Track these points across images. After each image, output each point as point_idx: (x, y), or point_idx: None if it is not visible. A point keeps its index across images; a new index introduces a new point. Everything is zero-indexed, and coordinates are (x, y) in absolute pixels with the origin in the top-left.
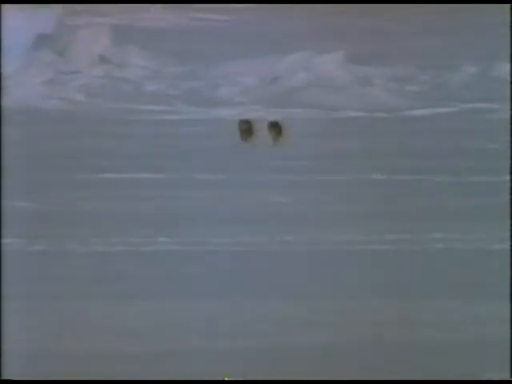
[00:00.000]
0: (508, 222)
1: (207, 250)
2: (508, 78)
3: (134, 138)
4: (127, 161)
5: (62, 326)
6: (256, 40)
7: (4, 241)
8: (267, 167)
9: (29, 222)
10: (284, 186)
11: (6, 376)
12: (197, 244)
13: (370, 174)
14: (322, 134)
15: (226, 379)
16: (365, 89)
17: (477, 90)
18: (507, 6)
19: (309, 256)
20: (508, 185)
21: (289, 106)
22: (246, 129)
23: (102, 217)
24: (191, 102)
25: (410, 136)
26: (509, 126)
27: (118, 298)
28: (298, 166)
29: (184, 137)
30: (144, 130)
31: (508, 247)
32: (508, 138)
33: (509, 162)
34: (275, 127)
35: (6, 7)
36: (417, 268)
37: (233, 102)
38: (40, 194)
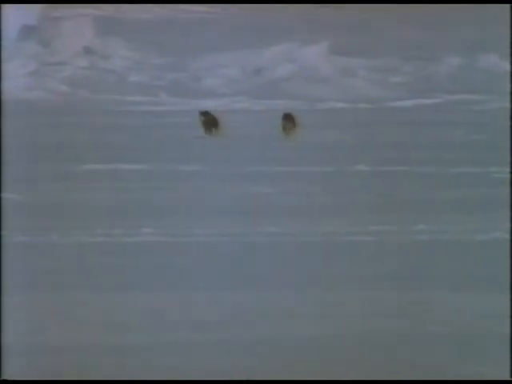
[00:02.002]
0: (493, 213)
1: (192, 241)
2: (493, 69)
3: (118, 129)
4: (111, 152)
5: (47, 318)
6: (240, 32)
7: None
8: (253, 158)
9: (12, 214)
10: (269, 176)
11: None
12: (181, 235)
13: (355, 166)
14: (305, 125)
15: (226, 379)
16: (349, 80)
17: (461, 82)
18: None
19: (294, 247)
20: (494, 176)
21: (272, 97)
22: (207, 120)
23: (85, 208)
24: (175, 93)
25: (395, 127)
26: (495, 117)
27: (103, 289)
28: (283, 157)
29: (168, 128)
30: (128, 121)
31: (491, 238)
32: (494, 128)
33: (494, 153)
34: (289, 119)
35: None
36: (403, 259)
37: (217, 94)
38: (24, 185)
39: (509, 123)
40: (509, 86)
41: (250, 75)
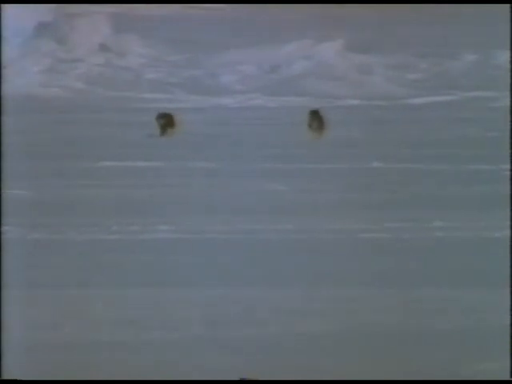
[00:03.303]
0: (508, 210)
1: (206, 238)
2: (508, 66)
3: (133, 126)
4: (126, 149)
5: (62, 315)
6: (256, 28)
7: (2, 229)
8: (267, 155)
9: (28, 210)
10: (283, 174)
11: (6, 367)
12: (196, 232)
13: (370, 163)
14: None
15: (226, 379)
16: (364, 77)
17: (476, 78)
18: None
19: (308, 245)
20: (508, 173)
21: (288, 94)
22: (165, 123)
23: (100, 205)
24: (191, 90)
25: (410, 124)
26: (509, 114)
27: (117, 286)
28: (298, 154)
29: (183, 125)
30: (143, 118)
31: (508, 235)
32: (508, 125)
33: (508, 150)
34: (316, 117)
35: None
36: (417, 257)
37: (232, 91)
38: (39, 181)
39: None
40: None
41: (266, 72)
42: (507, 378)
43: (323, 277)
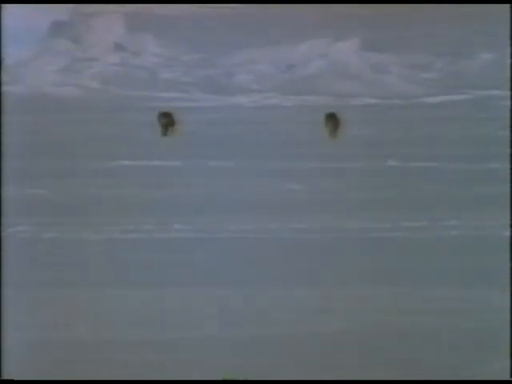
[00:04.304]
0: None
1: (221, 237)
2: None
3: (148, 126)
4: (142, 148)
5: (76, 314)
6: (272, 28)
7: (17, 228)
8: (283, 154)
9: (43, 209)
10: (298, 173)
11: (19, 364)
12: (211, 231)
13: (386, 161)
14: None
15: (226, 379)
16: (380, 76)
17: (491, 78)
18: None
19: (323, 243)
20: None
21: (304, 93)
22: (167, 122)
23: (116, 204)
24: (206, 89)
25: (425, 123)
26: None
27: (132, 285)
28: (313, 153)
29: (199, 124)
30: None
31: None
32: None
33: None
34: (332, 119)
35: None
36: (432, 255)
37: (248, 90)
38: (54, 181)
39: None
40: None
41: (282, 71)
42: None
43: (337, 276)
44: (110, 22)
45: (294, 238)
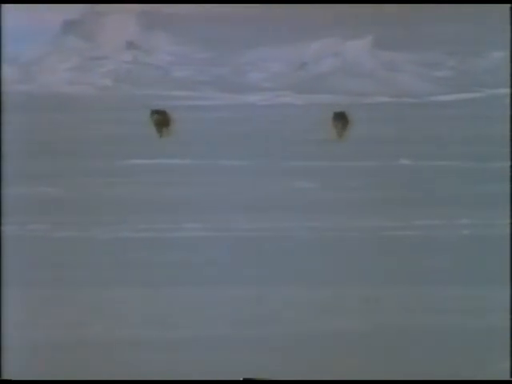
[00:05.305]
0: None
1: (233, 236)
2: None
3: None
4: (154, 146)
5: (87, 314)
6: (284, 26)
7: (28, 227)
8: (294, 153)
9: (54, 208)
10: (311, 171)
11: (30, 363)
12: (223, 230)
13: (398, 160)
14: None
15: (226, 379)
16: (392, 74)
17: (503, 76)
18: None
19: (335, 242)
20: None
21: (316, 91)
22: (160, 120)
23: (127, 203)
24: (219, 87)
25: (437, 121)
26: None
27: (144, 284)
28: (325, 152)
29: (211, 122)
30: (172, 116)
31: None
32: None
33: None
34: (341, 119)
35: None
36: (444, 255)
37: (260, 88)
38: (66, 180)
39: None
40: None
41: (295, 69)
42: None
43: (350, 275)
44: (123, 20)
45: (308, 236)
